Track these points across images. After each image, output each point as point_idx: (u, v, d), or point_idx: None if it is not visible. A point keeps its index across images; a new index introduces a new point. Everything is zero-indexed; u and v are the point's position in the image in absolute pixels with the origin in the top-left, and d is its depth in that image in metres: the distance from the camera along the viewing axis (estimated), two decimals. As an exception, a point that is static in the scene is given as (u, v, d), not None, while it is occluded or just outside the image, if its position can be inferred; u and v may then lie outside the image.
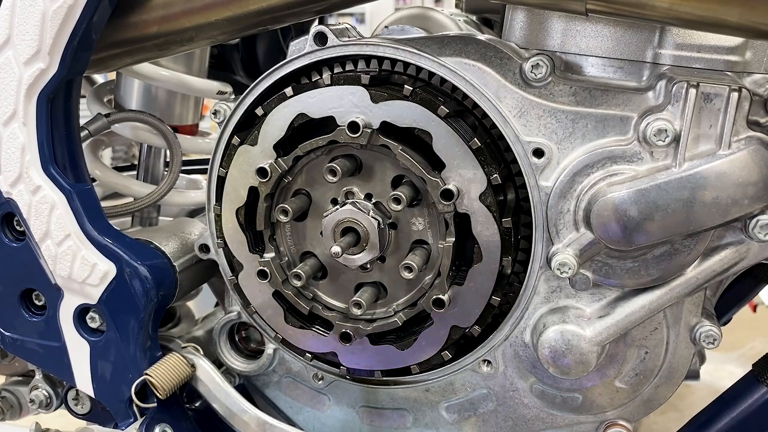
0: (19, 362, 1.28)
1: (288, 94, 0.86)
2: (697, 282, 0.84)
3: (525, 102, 0.83)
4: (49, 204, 0.91)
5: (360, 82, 0.84)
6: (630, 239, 0.79)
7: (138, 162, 1.35)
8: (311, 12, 0.91)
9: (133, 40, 0.95)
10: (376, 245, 0.84)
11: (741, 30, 0.75)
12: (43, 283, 0.96)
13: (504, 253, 0.83)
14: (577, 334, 0.84)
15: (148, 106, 1.29)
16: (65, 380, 1.02)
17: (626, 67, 0.83)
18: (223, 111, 0.91)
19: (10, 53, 0.87)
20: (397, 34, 1.17)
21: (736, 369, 2.56)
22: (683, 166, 0.78)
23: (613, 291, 0.86)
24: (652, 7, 0.73)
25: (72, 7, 0.85)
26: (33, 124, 0.90)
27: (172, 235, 1.06)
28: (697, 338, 0.86)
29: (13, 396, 1.30)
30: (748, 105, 0.77)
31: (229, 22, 0.91)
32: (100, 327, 0.97)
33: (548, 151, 0.83)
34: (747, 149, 0.77)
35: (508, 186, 0.85)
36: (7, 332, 1.01)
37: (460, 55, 0.84)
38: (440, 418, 0.96)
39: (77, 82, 0.93)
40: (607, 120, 0.81)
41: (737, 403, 0.89)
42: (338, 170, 0.81)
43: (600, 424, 0.92)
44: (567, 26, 0.83)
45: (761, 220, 0.79)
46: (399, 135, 0.83)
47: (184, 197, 1.35)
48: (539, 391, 0.92)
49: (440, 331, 0.87)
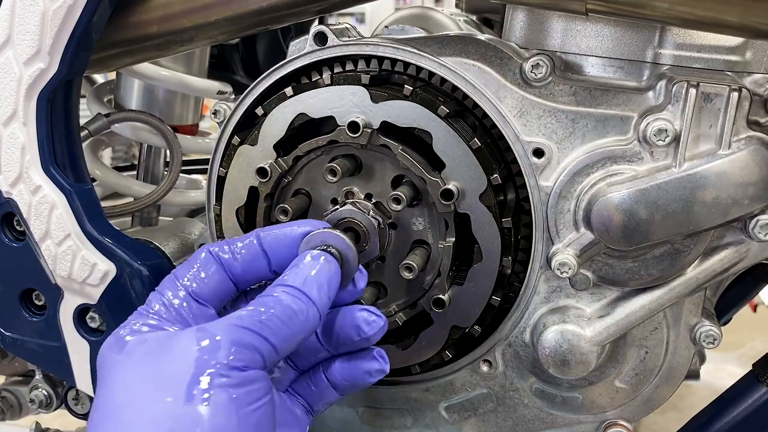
0: (19, 362, 1.29)
1: (288, 93, 0.86)
2: (697, 282, 0.84)
3: (525, 102, 0.83)
4: (49, 204, 0.91)
5: (360, 82, 0.84)
6: (630, 239, 0.79)
7: (138, 162, 1.35)
8: (311, 12, 0.91)
9: (133, 40, 0.95)
10: (375, 245, 0.84)
11: (741, 30, 0.75)
12: (43, 283, 0.96)
13: (504, 253, 0.83)
14: (577, 334, 0.84)
15: (148, 106, 1.29)
16: (65, 380, 1.02)
17: (626, 67, 0.83)
18: (223, 111, 0.91)
19: (10, 53, 0.87)
20: (397, 34, 1.17)
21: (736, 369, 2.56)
22: (683, 166, 0.78)
23: (613, 291, 0.86)
24: (652, 7, 0.73)
25: (72, 7, 0.85)
26: (33, 124, 0.90)
27: (172, 235, 1.06)
28: (697, 338, 0.86)
29: (13, 396, 1.30)
30: (748, 105, 0.77)
31: (229, 22, 0.91)
32: (100, 327, 0.97)
33: (548, 151, 0.83)
34: (747, 149, 0.77)
35: (508, 186, 0.85)
36: (7, 332, 1.01)
37: (460, 55, 0.84)
38: (440, 418, 0.96)
39: (77, 82, 0.93)
40: (607, 120, 0.81)
41: (737, 403, 0.89)
42: (338, 170, 0.81)
43: (600, 424, 0.92)
44: (567, 26, 0.83)
45: (761, 220, 0.79)
46: (399, 135, 0.83)
47: (184, 197, 1.35)
48: (539, 391, 0.92)
49: (440, 331, 0.87)
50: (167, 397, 0.62)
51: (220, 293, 0.74)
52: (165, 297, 0.72)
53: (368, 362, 0.77)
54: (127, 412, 0.63)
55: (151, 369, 0.64)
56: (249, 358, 0.64)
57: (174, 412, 0.61)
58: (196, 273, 0.74)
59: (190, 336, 0.65)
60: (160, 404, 0.62)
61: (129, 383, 0.65)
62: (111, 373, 0.66)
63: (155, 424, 0.61)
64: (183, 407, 0.61)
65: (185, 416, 0.61)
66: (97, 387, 0.68)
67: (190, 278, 0.73)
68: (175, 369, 0.63)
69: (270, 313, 0.67)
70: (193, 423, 0.61)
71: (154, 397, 0.62)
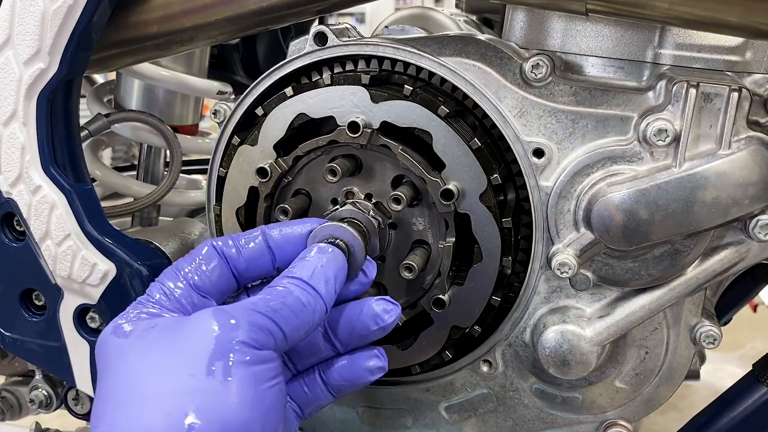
0: (19, 362, 1.29)
1: (288, 93, 0.86)
2: (697, 282, 0.84)
3: (525, 102, 0.83)
4: (49, 204, 0.91)
5: (360, 82, 0.84)
6: (630, 239, 0.79)
7: (138, 162, 1.35)
8: (311, 12, 0.91)
9: (133, 40, 0.95)
10: (376, 245, 0.84)
11: (741, 30, 0.75)
12: (43, 283, 0.96)
13: (504, 253, 0.83)
14: (577, 334, 0.84)
15: (148, 106, 1.29)
16: (65, 380, 1.02)
17: (626, 67, 0.83)
18: (223, 111, 0.91)
19: (10, 53, 0.87)
20: (397, 34, 1.17)
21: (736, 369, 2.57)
22: (683, 166, 0.78)
23: (613, 291, 0.86)
24: (652, 7, 0.73)
25: (72, 7, 0.85)
26: (33, 124, 0.90)
27: (172, 235, 1.06)
28: (698, 338, 0.86)
29: (13, 396, 1.30)
30: (748, 105, 0.77)
31: (229, 22, 0.91)
32: (100, 327, 0.96)
33: (548, 151, 0.83)
34: (747, 149, 0.77)
35: (508, 186, 0.85)
36: (7, 332, 1.01)
37: (461, 55, 0.84)
38: (440, 418, 0.96)
39: (77, 82, 0.93)
40: (607, 120, 0.81)
41: (737, 403, 0.89)
42: (338, 170, 0.81)
43: (600, 424, 0.92)
44: (567, 26, 0.83)
45: (761, 220, 0.79)
46: (399, 135, 0.83)
47: (184, 197, 1.35)
48: (539, 391, 0.92)
49: (440, 331, 0.87)
50: (188, 372, 0.63)
51: (221, 287, 0.75)
52: (166, 286, 0.73)
53: (369, 360, 0.78)
54: (148, 386, 0.63)
55: (168, 347, 0.65)
56: (264, 339, 0.66)
57: (196, 385, 0.62)
58: (198, 265, 0.74)
59: (208, 316, 0.66)
60: (182, 378, 0.63)
61: (144, 362, 0.65)
62: (119, 357, 0.66)
63: (178, 395, 0.62)
64: (205, 381, 0.62)
65: (207, 389, 0.62)
66: (102, 374, 0.67)
67: (191, 270, 0.74)
68: (195, 347, 0.64)
69: (281, 302, 0.68)
70: (215, 396, 0.62)
71: (176, 372, 0.63)
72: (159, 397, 0.62)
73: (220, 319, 0.65)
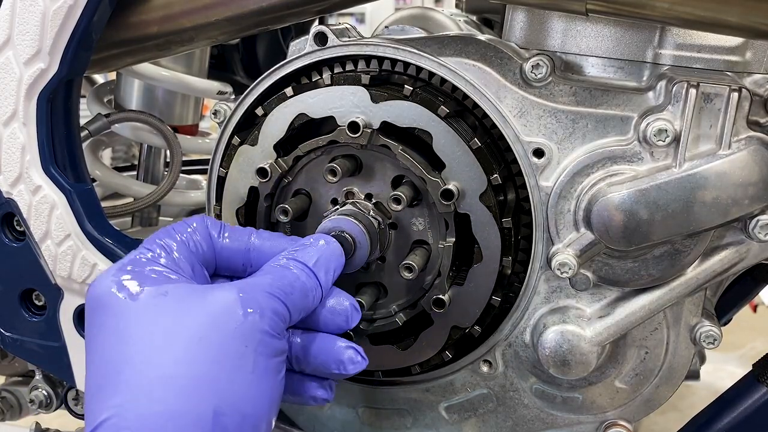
0: (19, 362, 1.29)
1: (288, 94, 0.86)
2: (697, 282, 0.84)
3: (525, 102, 0.83)
4: (49, 204, 0.91)
5: (360, 82, 0.84)
6: (630, 239, 0.79)
7: (138, 162, 1.35)
8: (311, 12, 0.91)
9: (133, 40, 0.95)
10: (375, 245, 0.84)
11: (741, 30, 0.75)
12: (43, 283, 0.96)
13: (504, 254, 0.83)
14: (577, 334, 0.84)
15: (148, 106, 1.29)
16: (65, 380, 1.02)
17: (626, 68, 0.83)
18: (223, 111, 0.91)
19: (10, 53, 0.87)
20: (397, 34, 1.17)
21: (736, 369, 2.57)
22: (683, 166, 0.78)
23: (614, 291, 0.86)
24: (652, 7, 0.73)
25: (72, 7, 0.85)
26: (33, 124, 0.90)
27: (172, 235, 1.06)
28: (698, 338, 0.86)
29: (13, 396, 1.31)
30: (748, 105, 0.77)
31: (229, 22, 0.91)
32: (100, 327, 0.96)
33: (548, 151, 0.83)
34: (747, 149, 0.77)
35: (508, 186, 0.85)
36: (7, 332, 1.01)
37: (460, 55, 0.84)
38: (440, 418, 0.96)
39: (77, 82, 0.93)
40: (607, 120, 0.81)
41: (737, 403, 0.89)
42: (338, 170, 0.81)
43: (600, 424, 0.92)
44: (567, 26, 0.83)
45: (761, 220, 0.79)
46: (399, 135, 0.83)
47: (184, 197, 1.35)
48: (539, 392, 0.92)
49: (440, 332, 0.87)
50: (213, 358, 0.61)
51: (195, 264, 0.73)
52: (167, 245, 0.71)
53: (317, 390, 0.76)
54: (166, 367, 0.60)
55: (187, 323, 0.62)
56: (281, 327, 0.67)
57: (222, 374, 0.61)
58: (191, 233, 0.73)
59: (233, 299, 0.64)
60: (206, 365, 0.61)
61: (158, 335, 0.61)
62: (126, 321, 0.63)
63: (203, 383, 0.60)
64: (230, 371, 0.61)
65: (233, 380, 0.62)
66: (97, 334, 0.64)
67: (188, 236, 0.73)
68: (220, 330, 0.62)
69: (291, 286, 0.69)
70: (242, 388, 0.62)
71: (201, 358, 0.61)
72: (182, 379, 0.60)
73: (245, 304, 0.64)
